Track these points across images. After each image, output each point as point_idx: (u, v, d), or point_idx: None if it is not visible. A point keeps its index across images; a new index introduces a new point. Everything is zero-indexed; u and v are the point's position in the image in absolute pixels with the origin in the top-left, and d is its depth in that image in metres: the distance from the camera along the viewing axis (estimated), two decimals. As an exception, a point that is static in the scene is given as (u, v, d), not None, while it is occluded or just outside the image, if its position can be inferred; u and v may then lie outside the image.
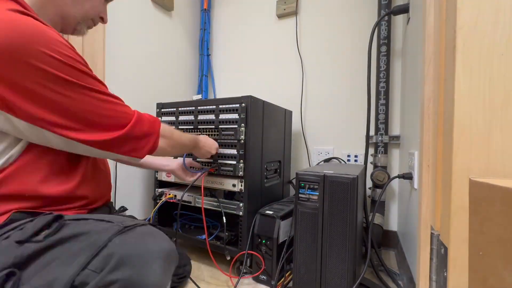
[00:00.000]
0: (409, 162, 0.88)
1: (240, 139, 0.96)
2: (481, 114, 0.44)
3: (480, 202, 0.35)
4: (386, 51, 1.22)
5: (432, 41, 0.59)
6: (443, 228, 0.51)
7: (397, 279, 0.93)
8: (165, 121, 1.16)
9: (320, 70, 1.44)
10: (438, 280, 0.54)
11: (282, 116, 1.24)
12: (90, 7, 0.63)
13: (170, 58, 1.57)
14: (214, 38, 1.80)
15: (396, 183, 1.26)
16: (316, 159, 1.43)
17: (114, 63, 1.21)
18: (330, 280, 0.74)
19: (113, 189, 1.20)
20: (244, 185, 0.96)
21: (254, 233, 0.95)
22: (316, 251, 0.76)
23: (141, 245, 0.45)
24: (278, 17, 1.56)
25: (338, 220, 0.74)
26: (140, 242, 0.45)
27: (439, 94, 0.54)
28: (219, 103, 1.01)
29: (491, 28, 0.43)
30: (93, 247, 0.42)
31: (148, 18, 1.41)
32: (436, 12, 0.57)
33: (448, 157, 0.46)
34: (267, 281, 0.91)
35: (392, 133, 1.26)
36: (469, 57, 0.44)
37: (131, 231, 0.46)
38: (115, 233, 0.44)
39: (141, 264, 0.42)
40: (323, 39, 1.44)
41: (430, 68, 0.59)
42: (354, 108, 1.34)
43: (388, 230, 1.26)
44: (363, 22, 1.33)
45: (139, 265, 0.42)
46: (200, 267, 1.04)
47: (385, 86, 1.22)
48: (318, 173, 0.77)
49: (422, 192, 0.60)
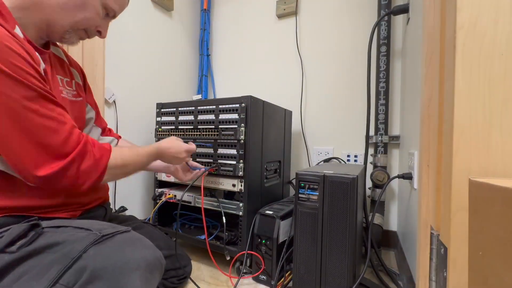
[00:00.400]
0: (409, 162, 0.88)
1: (240, 139, 0.96)
2: (481, 114, 0.44)
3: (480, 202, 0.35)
4: (386, 51, 1.22)
5: (432, 41, 0.59)
6: (443, 228, 0.51)
7: (397, 279, 0.93)
8: (165, 121, 1.16)
9: (320, 70, 1.44)
10: (437, 280, 0.54)
11: (282, 116, 1.24)
12: (83, 18, 0.60)
13: (170, 58, 1.57)
14: (214, 38, 1.80)
15: (396, 183, 1.26)
16: (316, 159, 1.43)
17: (114, 63, 1.21)
18: (330, 280, 0.74)
19: (113, 189, 1.20)
20: (244, 185, 0.96)
21: (254, 233, 0.95)
22: (316, 251, 0.76)
23: (117, 255, 0.42)
24: (278, 17, 1.56)
25: (338, 220, 0.74)
26: (117, 252, 0.43)
27: (439, 94, 0.54)
28: (219, 103, 1.01)
29: (491, 28, 0.43)
30: (66, 259, 0.40)
31: (148, 18, 1.41)
32: (436, 12, 0.57)
33: (448, 157, 0.46)
34: (267, 281, 0.91)
35: (392, 133, 1.26)
36: (469, 57, 0.44)
37: (109, 240, 0.44)
38: (90, 243, 0.42)
39: (117, 276, 0.40)
40: (323, 39, 1.44)
41: (430, 68, 0.59)
42: (354, 108, 1.34)
43: (388, 230, 1.26)
44: (363, 22, 1.33)
45: (114, 278, 0.39)
46: (200, 267, 1.04)
47: (385, 86, 1.22)
48: (318, 173, 0.77)
49: (422, 192, 0.60)
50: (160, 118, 1.18)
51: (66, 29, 0.59)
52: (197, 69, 1.78)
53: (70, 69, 0.74)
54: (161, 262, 0.48)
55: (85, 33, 0.64)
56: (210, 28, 1.79)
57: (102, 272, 0.39)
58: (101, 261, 0.40)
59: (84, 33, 0.64)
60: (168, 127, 1.15)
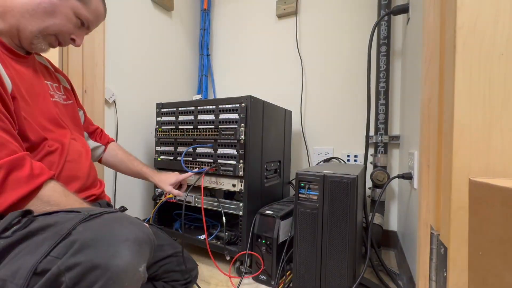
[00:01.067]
0: (409, 162, 0.88)
1: (240, 139, 0.96)
2: (481, 114, 0.44)
3: (480, 202, 0.35)
4: (386, 51, 1.22)
5: (432, 41, 0.59)
6: (443, 228, 0.51)
7: (397, 279, 0.93)
8: (165, 121, 1.16)
9: (320, 70, 1.44)
10: (437, 280, 0.54)
11: (282, 116, 1.24)
12: (52, 24, 0.60)
13: (170, 58, 1.57)
14: (214, 38, 1.80)
15: (396, 183, 1.26)
16: (316, 159, 1.43)
17: (114, 63, 1.21)
18: (330, 280, 0.74)
19: (113, 189, 1.20)
20: (244, 185, 0.96)
21: (254, 233, 0.95)
22: (316, 251, 0.76)
23: (105, 229, 0.43)
24: (278, 17, 1.56)
25: (338, 220, 0.74)
26: (105, 226, 0.44)
27: (439, 94, 0.54)
28: (219, 103, 1.01)
29: (491, 28, 0.43)
30: (56, 236, 0.42)
31: (148, 18, 1.41)
32: (436, 12, 0.57)
33: (448, 157, 0.46)
34: (267, 281, 0.91)
35: (392, 133, 1.26)
36: (469, 57, 0.44)
37: (97, 218, 0.45)
38: (79, 221, 0.44)
39: (106, 246, 0.41)
40: (323, 39, 1.44)
41: (430, 68, 0.59)
42: (354, 108, 1.34)
43: (388, 230, 1.26)
44: (363, 22, 1.33)
45: (103, 248, 0.41)
46: (200, 267, 1.03)
47: (385, 86, 1.22)
48: (318, 173, 0.77)
49: (422, 192, 0.60)
50: (160, 118, 1.18)
51: (35, 34, 0.60)
52: (197, 69, 1.78)
53: (56, 75, 0.77)
54: (150, 238, 0.48)
55: (56, 39, 0.64)
56: (210, 28, 1.79)
57: (92, 242, 0.41)
58: (90, 234, 0.42)
59: (54, 40, 0.64)
60: (168, 127, 1.15)
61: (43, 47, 0.64)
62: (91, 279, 0.39)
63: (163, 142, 1.17)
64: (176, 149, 1.13)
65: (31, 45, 0.62)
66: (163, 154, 1.17)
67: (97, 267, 0.39)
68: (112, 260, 0.40)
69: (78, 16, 0.64)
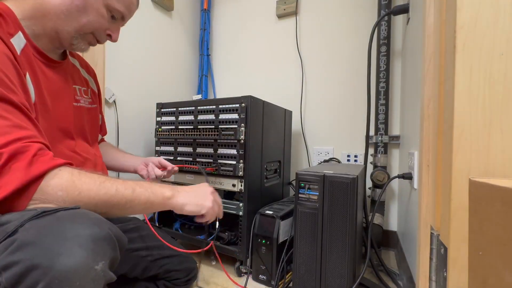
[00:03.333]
0: (409, 162, 0.88)
1: (240, 139, 0.96)
2: (481, 114, 0.44)
3: (480, 202, 0.35)
4: (386, 51, 1.22)
5: (432, 41, 0.59)
6: (443, 228, 0.51)
7: (397, 279, 0.93)
8: (165, 121, 1.16)
9: (320, 70, 1.44)
10: (437, 280, 0.54)
11: (282, 116, 1.24)
12: (87, 22, 0.59)
13: (170, 58, 1.57)
14: (214, 38, 1.80)
15: (396, 183, 1.26)
16: (316, 159, 1.43)
17: (114, 63, 1.21)
18: (330, 280, 0.74)
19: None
20: (244, 185, 0.96)
21: (254, 233, 0.95)
22: (316, 251, 0.76)
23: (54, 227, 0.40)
24: (278, 17, 1.56)
25: (338, 220, 0.74)
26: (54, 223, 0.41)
27: (439, 94, 0.54)
28: (219, 103, 1.01)
29: (491, 28, 0.43)
30: (2, 234, 0.40)
31: (148, 18, 1.41)
32: (436, 12, 0.57)
33: (448, 157, 0.46)
34: (267, 281, 0.91)
35: (392, 133, 1.26)
36: (469, 57, 0.44)
37: (50, 215, 0.42)
38: (28, 218, 0.41)
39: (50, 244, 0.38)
40: (323, 39, 1.44)
41: (430, 68, 0.59)
42: (354, 108, 1.34)
43: (388, 230, 1.26)
44: (363, 22, 1.33)
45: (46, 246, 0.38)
46: (200, 267, 1.04)
47: (385, 86, 1.22)
48: (318, 173, 0.77)
49: (422, 192, 0.60)
50: (160, 118, 1.18)
51: (73, 34, 0.60)
52: (197, 69, 1.78)
53: (85, 78, 0.76)
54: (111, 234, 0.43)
55: (93, 37, 0.64)
56: (210, 28, 1.79)
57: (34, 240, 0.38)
58: (34, 232, 0.39)
59: (92, 38, 0.64)
60: (168, 127, 1.15)
61: (83, 47, 0.64)
62: (32, 279, 0.36)
63: (163, 142, 1.17)
64: (176, 149, 1.13)
65: (71, 45, 0.62)
66: (163, 154, 1.17)
67: (38, 266, 0.36)
68: (57, 259, 0.37)
69: (109, 9, 0.62)
